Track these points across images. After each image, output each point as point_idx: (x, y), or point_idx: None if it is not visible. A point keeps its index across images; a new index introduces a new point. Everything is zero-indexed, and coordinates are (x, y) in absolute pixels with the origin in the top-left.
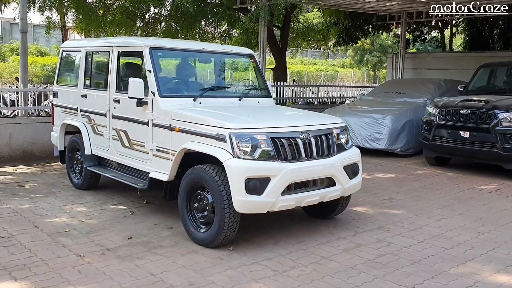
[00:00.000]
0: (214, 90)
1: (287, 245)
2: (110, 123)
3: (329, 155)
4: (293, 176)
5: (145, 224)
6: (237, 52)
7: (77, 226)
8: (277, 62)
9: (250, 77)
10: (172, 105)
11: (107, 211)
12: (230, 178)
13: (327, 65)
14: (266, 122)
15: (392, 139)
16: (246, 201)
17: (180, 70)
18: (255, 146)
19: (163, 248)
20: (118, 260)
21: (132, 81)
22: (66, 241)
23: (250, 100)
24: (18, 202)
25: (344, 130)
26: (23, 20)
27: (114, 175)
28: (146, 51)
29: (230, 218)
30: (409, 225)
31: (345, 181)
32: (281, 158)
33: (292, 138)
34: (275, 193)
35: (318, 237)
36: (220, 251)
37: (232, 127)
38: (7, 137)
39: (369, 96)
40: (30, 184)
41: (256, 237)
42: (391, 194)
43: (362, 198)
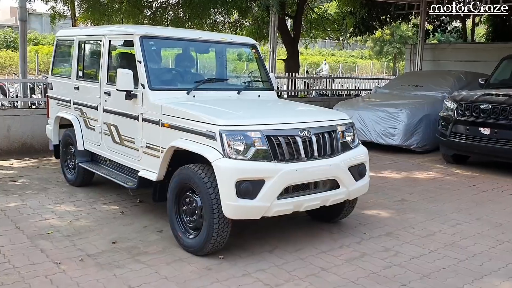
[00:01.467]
0: (211, 82)
1: (284, 253)
2: (101, 117)
3: (333, 155)
4: (291, 178)
5: (134, 226)
6: (238, 42)
7: (61, 228)
8: (289, 52)
9: (251, 68)
10: (162, 99)
11: (97, 210)
12: (219, 180)
13: (346, 56)
14: (262, 118)
15: (408, 135)
16: (237, 206)
17: (174, 60)
18: (248, 145)
19: (148, 255)
20: (96, 269)
21: (120, 72)
22: (46, 245)
23: (249, 93)
24: (5, 200)
25: (350, 127)
26: (22, 8)
27: (105, 172)
28: (137, 39)
29: (220, 224)
30: (420, 231)
31: (350, 183)
32: (278, 158)
33: (290, 136)
34: (270, 197)
35: (319, 244)
36: (209, 260)
37: (222, 123)
38: (5, 130)
39: (384, 89)
40: (24, 179)
41: (251, 243)
42: (404, 195)
43: (372, 199)
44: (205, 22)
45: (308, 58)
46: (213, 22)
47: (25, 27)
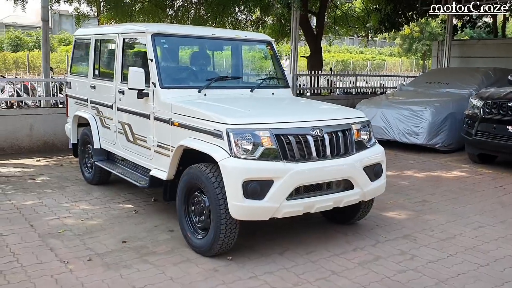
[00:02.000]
0: (223, 80)
1: (295, 255)
2: (116, 115)
3: (346, 154)
4: (301, 178)
5: (145, 226)
6: (252, 39)
7: (73, 227)
8: (312, 50)
9: (266, 66)
10: (173, 97)
11: (111, 209)
12: (226, 180)
13: (374, 54)
14: (271, 116)
15: (432, 134)
16: (244, 207)
17: (186, 58)
18: (256, 144)
19: (156, 255)
20: (103, 269)
21: (132, 70)
22: (56, 244)
23: (263, 91)
24: (22, 198)
25: (366, 126)
26: (44, 9)
27: (119, 171)
28: (149, 37)
29: (228, 225)
30: (440, 233)
31: (365, 184)
32: (287, 158)
33: (301, 135)
34: (279, 198)
35: (332, 246)
36: (217, 261)
37: (230, 122)
38: (28, 128)
39: (409, 86)
40: (43, 177)
41: (261, 244)
42: (425, 196)
43: (391, 200)
44: (226, 21)
45: (335, 56)
46: (235, 20)
47: (47, 27)
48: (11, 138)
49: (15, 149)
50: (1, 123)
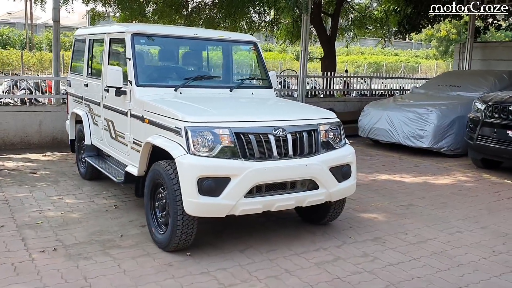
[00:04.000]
0: (202, 79)
1: (255, 253)
2: (102, 113)
3: (311, 154)
4: (259, 177)
5: (120, 220)
6: (236, 39)
7: (52, 219)
8: (326, 51)
9: (249, 66)
10: (148, 95)
11: (94, 204)
12: (181, 177)
13: (409, 56)
14: (233, 115)
15: (438, 137)
16: (199, 203)
17: (165, 58)
18: (214, 142)
19: (120, 248)
20: (63, 259)
21: (110, 69)
22: (29, 235)
23: (243, 91)
24: (15, 190)
25: (336, 127)
26: (55, 10)
27: (104, 166)
28: (128, 37)
29: (184, 221)
30: (412, 237)
31: (331, 184)
32: (246, 156)
33: (262, 134)
34: (236, 195)
35: (296, 245)
36: (175, 256)
37: (189, 119)
38: (37, 124)
39: (421, 89)
40: (43, 171)
41: (225, 241)
42: (413, 200)
43: (376, 203)
44: (239, 22)
45: (368, 58)
46: (249, 22)
47: (58, 27)
48: (21, 133)
49: (25, 144)
50: (11, 119)
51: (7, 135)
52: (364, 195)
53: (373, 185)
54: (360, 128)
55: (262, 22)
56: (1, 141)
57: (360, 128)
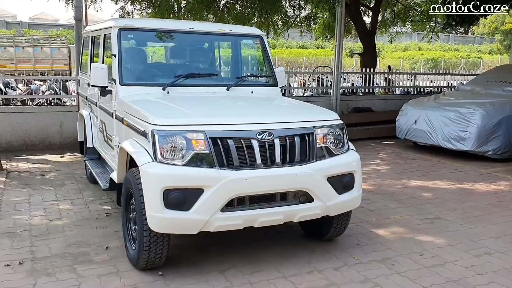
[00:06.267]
0: (195, 77)
1: (236, 274)
2: (98, 114)
3: (303, 162)
4: (237, 188)
5: (105, 230)
6: (239, 33)
7: (35, 227)
8: (365, 46)
9: (251, 62)
10: (133, 95)
11: (87, 210)
12: (144, 188)
13: (470, 51)
14: (209, 117)
15: (482, 139)
16: (164, 218)
17: (157, 54)
18: (185, 148)
19: (90, 263)
20: (24, 275)
21: (94, 67)
22: (4, 245)
23: (242, 89)
24: (15, 194)
25: (337, 129)
26: (77, 8)
27: (98, 171)
28: (115, 32)
29: (152, 238)
30: (428, 259)
31: (329, 197)
32: (223, 165)
33: (244, 139)
34: (210, 209)
35: (286, 266)
36: (145, 276)
37: (157, 122)
38: (58, 125)
39: (467, 85)
40: (53, 174)
41: (208, 258)
42: (442, 212)
43: (397, 215)
44: (272, 18)
45: (426, 54)
46: (284, 17)
47: (80, 26)
48: (42, 134)
49: (46, 145)
50: (33, 120)
51: (28, 135)
52: (386, 205)
53: (399, 194)
54: (398, 128)
55: (297, 17)
56: (22, 141)
57: (397, 129)
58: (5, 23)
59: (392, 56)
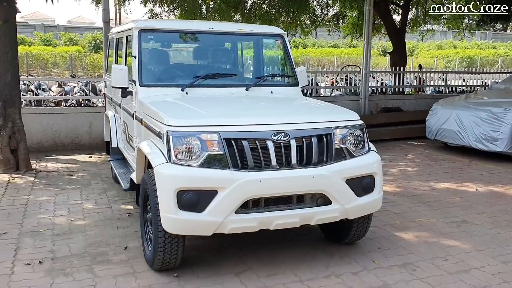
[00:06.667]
0: (214, 78)
1: (252, 277)
2: (122, 114)
3: (321, 164)
4: (252, 190)
5: (126, 230)
6: (260, 32)
7: (58, 226)
8: (395, 45)
9: (271, 62)
10: (152, 96)
11: (110, 210)
12: (158, 189)
13: (509, 49)
14: (225, 117)
15: None
16: (178, 220)
17: (176, 55)
18: (199, 149)
19: (108, 264)
20: (42, 274)
21: (115, 68)
22: (26, 244)
23: (261, 89)
24: (42, 193)
25: (357, 130)
26: (105, 11)
27: (121, 171)
28: (135, 34)
29: (167, 239)
30: (453, 265)
31: (348, 199)
32: (237, 166)
33: (259, 140)
34: (224, 211)
35: (303, 270)
36: (160, 277)
37: (171, 123)
38: (87, 126)
39: (501, 84)
40: (81, 173)
41: (224, 259)
42: (470, 215)
43: (422, 218)
44: (299, 17)
45: (461, 52)
46: (312, 16)
47: (108, 28)
48: (71, 135)
49: (76, 145)
50: (63, 121)
51: (58, 136)
52: (411, 208)
53: (426, 196)
54: (427, 129)
55: (325, 16)
56: (53, 142)
57: (427, 129)
58: (43, 26)
59: (425, 55)
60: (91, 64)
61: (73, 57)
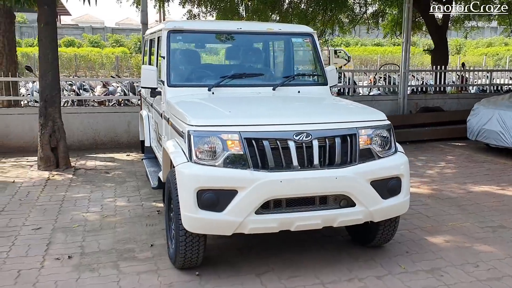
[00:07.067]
0: (242, 77)
1: (273, 279)
2: (153, 114)
3: (344, 165)
4: (272, 190)
5: (154, 228)
6: (289, 31)
7: (90, 223)
8: (436, 43)
9: (300, 61)
10: (179, 96)
11: (141, 207)
12: (179, 188)
13: None
14: (246, 117)
15: None
16: (198, 219)
17: (205, 55)
18: (220, 149)
19: (134, 260)
20: (70, 269)
21: (144, 69)
22: (58, 239)
23: (288, 89)
24: (78, 190)
25: (383, 130)
26: (143, 12)
27: (152, 170)
28: (164, 34)
29: (188, 238)
30: (484, 271)
31: (372, 201)
32: (258, 166)
33: (280, 140)
34: (244, 211)
35: (326, 273)
36: (182, 275)
37: (193, 123)
38: (125, 125)
39: None
40: (117, 171)
41: (246, 260)
42: (507, 220)
43: (455, 222)
44: (337, 15)
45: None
46: (351, 14)
47: (146, 30)
48: (111, 133)
49: (114, 144)
50: (102, 120)
51: (98, 134)
52: (445, 211)
53: (463, 199)
54: (469, 129)
55: (364, 14)
56: (93, 140)
57: (468, 130)
58: (92, 28)
59: (474, 53)
60: (136, 65)
61: (119, 58)
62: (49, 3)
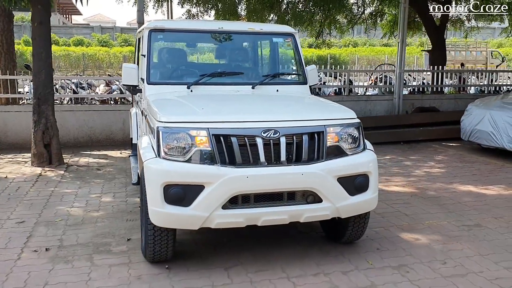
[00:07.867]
0: (221, 76)
1: (240, 272)
2: (137, 111)
3: (311, 161)
4: (238, 186)
5: (134, 223)
6: (271, 31)
7: (72, 217)
8: (434, 43)
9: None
10: (158, 93)
11: (126, 203)
12: (146, 183)
13: None
14: (215, 114)
15: None
16: (165, 213)
17: (185, 54)
18: (188, 145)
19: (108, 254)
20: (45, 261)
21: (125, 67)
22: (39, 232)
23: (267, 87)
24: (67, 186)
25: (352, 128)
26: (139, 12)
27: (136, 167)
28: (146, 33)
29: (156, 232)
30: (450, 268)
31: (339, 198)
32: (225, 162)
33: (248, 137)
34: (210, 206)
35: (293, 267)
36: (153, 268)
37: (163, 119)
38: (121, 123)
39: None
40: (109, 168)
41: (218, 254)
42: (485, 219)
43: (432, 220)
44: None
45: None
46: (349, 14)
47: None
48: (106, 131)
49: (110, 141)
50: (98, 118)
51: (93, 132)
52: (425, 210)
53: (444, 198)
54: (462, 129)
55: (362, 14)
56: (88, 138)
57: (461, 130)
58: (101, 28)
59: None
60: None
61: (127, 57)
62: (43, 3)
